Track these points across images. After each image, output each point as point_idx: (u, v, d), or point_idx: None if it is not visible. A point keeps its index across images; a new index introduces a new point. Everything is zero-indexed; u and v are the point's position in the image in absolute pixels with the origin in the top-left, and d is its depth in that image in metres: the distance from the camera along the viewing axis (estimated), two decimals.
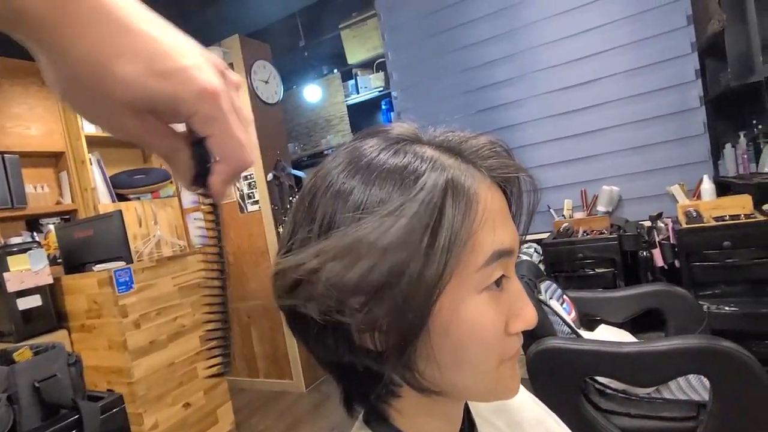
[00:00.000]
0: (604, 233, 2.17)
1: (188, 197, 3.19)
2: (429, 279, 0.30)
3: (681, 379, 1.41)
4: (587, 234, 2.22)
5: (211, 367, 0.33)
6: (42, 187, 2.64)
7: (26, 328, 1.96)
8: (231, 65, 2.85)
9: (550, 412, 0.53)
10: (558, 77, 2.45)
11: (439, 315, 0.32)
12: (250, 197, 2.95)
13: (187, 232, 3.21)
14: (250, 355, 3.12)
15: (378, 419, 0.38)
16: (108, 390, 1.20)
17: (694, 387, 1.39)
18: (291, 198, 2.95)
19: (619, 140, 2.36)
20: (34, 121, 2.57)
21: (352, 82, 3.95)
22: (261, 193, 2.90)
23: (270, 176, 2.87)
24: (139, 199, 2.97)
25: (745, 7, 1.87)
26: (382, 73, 3.80)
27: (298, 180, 3.09)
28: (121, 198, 2.89)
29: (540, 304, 1.45)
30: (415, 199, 0.31)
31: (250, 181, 2.93)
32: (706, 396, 1.28)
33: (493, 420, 0.48)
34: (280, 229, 2.88)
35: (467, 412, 0.44)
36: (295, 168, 3.15)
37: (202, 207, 0.33)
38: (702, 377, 1.34)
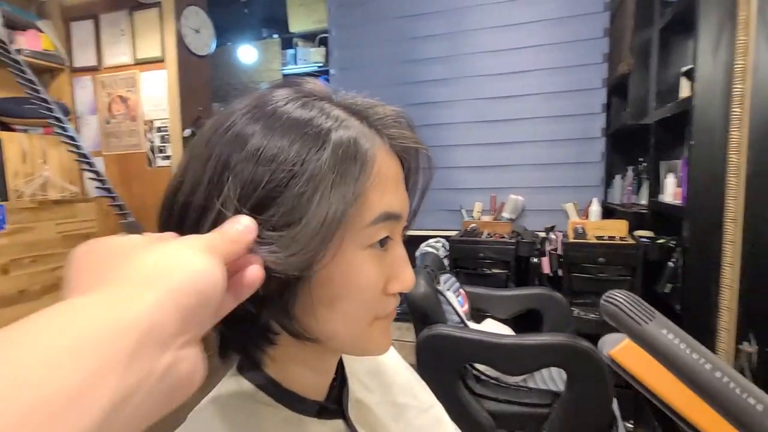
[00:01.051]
0: (505, 237, 2.36)
1: (90, 140, 2.88)
2: (317, 229, 0.31)
3: (545, 371, 1.59)
4: (491, 236, 2.39)
5: None
6: None
7: None
8: (159, 4, 2.61)
9: (422, 381, 0.58)
10: (488, 87, 2.59)
11: (324, 266, 0.33)
12: (161, 151, 2.74)
13: (83, 178, 2.90)
14: None
15: (251, 366, 0.39)
16: None
17: (554, 379, 1.57)
18: None
19: (530, 155, 2.56)
20: None
21: (291, 51, 3.81)
22: (174, 149, 2.70)
23: (188, 132, 2.69)
24: (26, 131, 2.62)
25: (650, 56, 2.13)
26: (324, 48, 3.72)
27: None
28: (5, 127, 2.52)
29: (437, 294, 1.54)
30: (315, 154, 0.32)
31: (164, 133, 2.72)
32: (562, 387, 1.46)
33: (366, 380, 0.51)
34: None
35: (341, 367, 0.47)
36: None
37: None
38: (562, 371, 1.53)
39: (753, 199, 1.51)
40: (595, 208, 2.30)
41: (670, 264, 1.76)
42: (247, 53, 3.73)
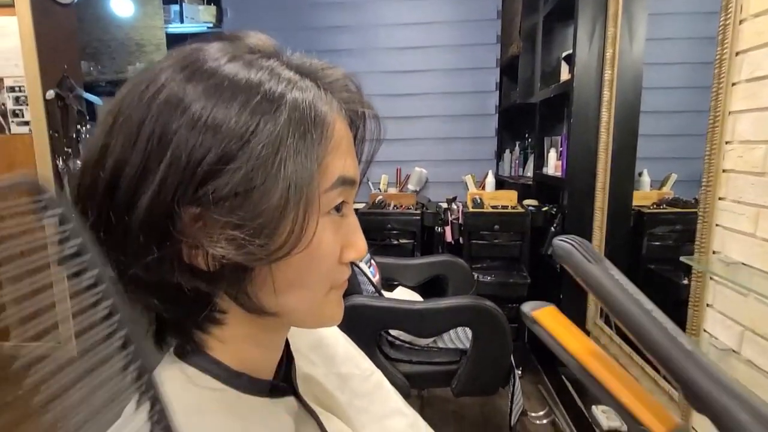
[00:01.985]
0: (410, 209, 2.45)
1: None
2: (280, 204, 0.29)
3: (452, 331, 1.72)
4: (397, 208, 2.47)
5: None
6: None
7: None
8: None
9: (359, 349, 0.59)
10: (391, 60, 2.62)
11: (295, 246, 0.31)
12: (16, 115, 2.31)
13: None
14: None
15: (194, 350, 0.36)
16: None
17: (461, 338, 1.71)
18: (80, 126, 2.41)
19: (432, 129, 2.68)
20: None
21: (176, 7, 3.41)
22: (34, 113, 2.29)
23: (51, 93, 2.28)
24: None
25: (536, 40, 2.33)
26: (215, 7, 3.40)
27: (90, 106, 2.55)
28: None
29: (351, 265, 1.56)
30: (270, 121, 0.30)
31: (19, 95, 2.28)
32: (468, 345, 1.60)
33: (310, 355, 0.50)
34: (59, 162, 2.34)
35: (287, 345, 0.45)
36: (87, 91, 2.58)
37: None
38: (467, 329, 1.67)
39: (616, 172, 1.77)
40: (490, 180, 2.50)
41: (552, 229, 2.00)
42: (121, 6, 3.26)
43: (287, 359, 0.44)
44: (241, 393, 0.36)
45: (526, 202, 2.32)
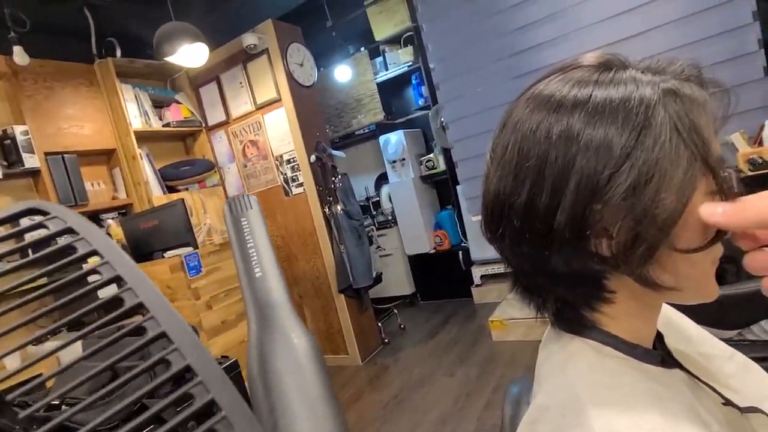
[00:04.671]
0: None
1: (232, 185, 3.27)
2: (685, 187, 0.33)
3: (764, 323, 1.41)
4: None
5: None
6: (99, 184, 2.75)
7: (105, 316, 2.07)
8: (267, 50, 2.88)
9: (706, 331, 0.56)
10: (604, 32, 2.38)
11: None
12: (294, 180, 3.01)
13: None
14: None
15: (589, 327, 0.41)
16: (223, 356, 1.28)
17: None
18: (333, 178, 2.99)
19: None
20: (86, 121, 2.66)
21: (380, 59, 3.93)
22: (305, 175, 2.95)
23: (313, 158, 2.91)
24: (187, 189, 3.07)
25: None
26: (411, 47, 3.77)
27: (335, 160, 3.13)
28: (171, 189, 2.99)
29: None
30: (648, 127, 0.34)
31: (293, 164, 2.98)
32: None
33: (669, 333, 0.50)
34: (326, 210, 2.93)
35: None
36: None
37: None
38: None
39: None
40: None
41: None
42: (341, 73, 3.93)
43: (658, 335, 0.46)
44: (641, 362, 0.39)
45: None
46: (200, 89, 3.24)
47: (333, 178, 3.01)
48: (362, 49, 3.91)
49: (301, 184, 2.99)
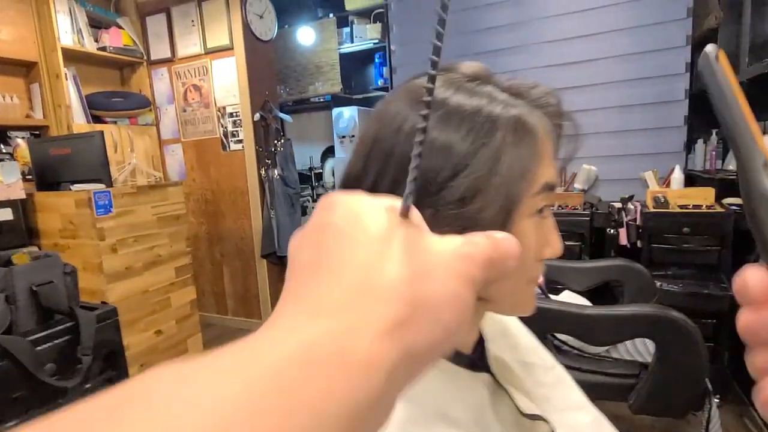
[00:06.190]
0: (577, 209, 2.30)
1: (168, 127, 3.09)
2: (508, 206, 0.36)
3: (629, 343, 1.56)
4: (562, 208, 2.34)
5: None
6: (11, 98, 2.48)
7: None
8: None
9: (541, 344, 0.61)
10: (558, 52, 2.48)
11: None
12: (233, 135, 2.89)
13: (164, 164, 3.13)
14: (220, 292, 3.16)
15: None
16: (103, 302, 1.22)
17: (639, 351, 1.54)
18: (276, 141, 2.91)
19: (603, 122, 2.45)
20: (5, 24, 2.38)
21: (347, 29, 3.83)
22: (246, 133, 2.84)
23: (257, 116, 2.81)
24: (116, 123, 2.85)
25: (742, 7, 1.95)
26: (380, 24, 3.70)
27: (282, 123, 3.05)
28: (97, 120, 2.76)
29: None
30: (489, 141, 0.36)
31: (236, 119, 2.86)
32: (649, 359, 1.44)
33: (498, 340, 0.55)
34: (262, 172, 2.85)
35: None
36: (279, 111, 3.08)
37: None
38: (647, 342, 1.50)
39: None
40: (678, 176, 2.17)
41: None
42: (305, 35, 3.79)
43: (480, 341, 0.50)
44: (449, 362, 0.43)
45: (727, 200, 1.95)
46: (147, 18, 3.00)
47: (276, 141, 2.92)
48: (331, 15, 3.79)
49: (240, 141, 2.88)
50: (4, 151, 2.37)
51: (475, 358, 0.46)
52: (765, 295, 0.20)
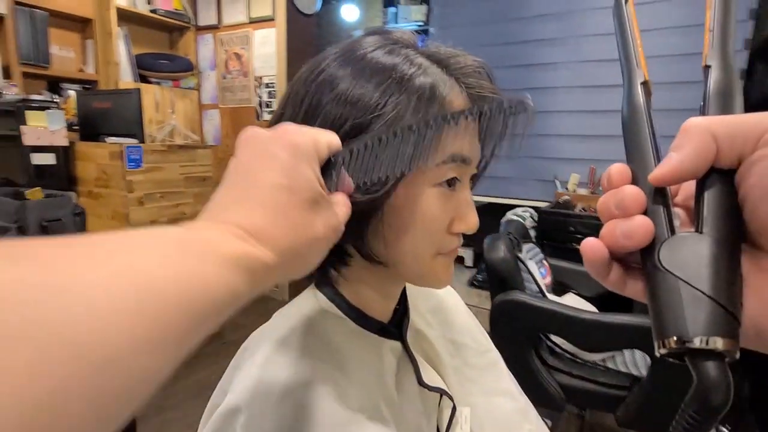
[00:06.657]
0: None
1: (208, 92, 3.20)
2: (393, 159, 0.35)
3: (628, 354, 1.51)
4: (584, 210, 2.25)
5: None
6: (67, 51, 2.65)
7: (38, 183, 2.06)
8: None
9: (481, 327, 0.60)
10: (599, 48, 2.36)
11: (395, 197, 0.37)
12: (268, 105, 2.96)
13: (202, 128, 3.25)
14: None
15: (326, 283, 0.45)
16: None
17: (637, 364, 1.49)
18: None
19: None
20: None
21: (393, 9, 3.79)
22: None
23: None
24: (159, 84, 2.99)
25: None
26: (426, 7, 3.64)
27: None
28: (143, 79, 2.90)
29: (516, 261, 1.52)
30: (397, 97, 0.35)
31: (272, 90, 2.92)
32: (644, 373, 1.39)
33: (428, 317, 0.55)
34: None
35: (405, 299, 0.51)
36: None
37: None
38: (646, 355, 1.44)
39: None
40: None
41: None
42: (349, 12, 3.79)
43: (403, 311, 0.50)
44: (354, 324, 0.44)
45: None
46: None
47: None
48: None
49: (273, 112, 2.94)
50: (56, 101, 2.54)
51: (390, 326, 0.47)
52: (621, 180, 0.25)
